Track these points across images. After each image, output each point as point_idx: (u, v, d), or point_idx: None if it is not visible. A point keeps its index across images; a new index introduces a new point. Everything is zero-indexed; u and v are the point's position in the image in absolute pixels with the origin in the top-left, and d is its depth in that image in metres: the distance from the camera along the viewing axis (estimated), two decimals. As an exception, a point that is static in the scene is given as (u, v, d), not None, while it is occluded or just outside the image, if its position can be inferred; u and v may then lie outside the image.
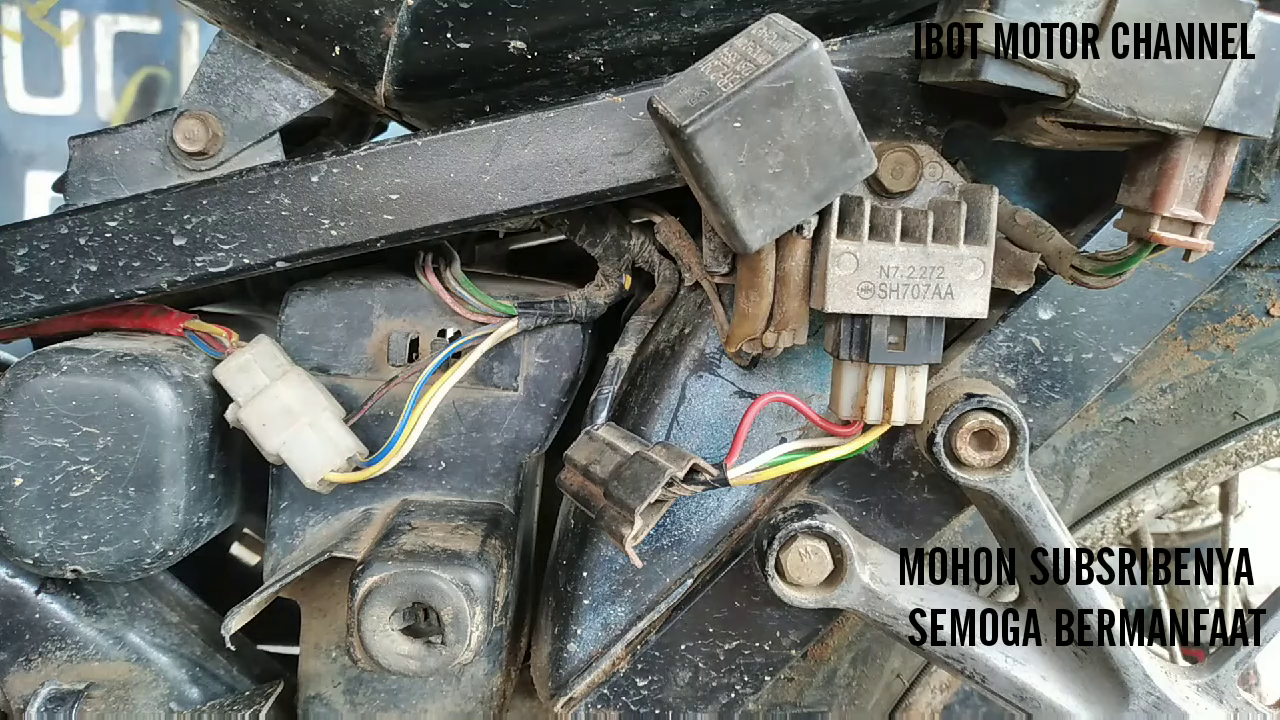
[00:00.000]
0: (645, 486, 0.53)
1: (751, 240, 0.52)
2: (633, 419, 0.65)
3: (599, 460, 0.58)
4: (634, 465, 0.55)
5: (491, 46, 0.59)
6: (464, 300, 0.65)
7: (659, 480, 0.53)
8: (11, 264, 0.61)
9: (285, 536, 0.69)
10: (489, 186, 0.60)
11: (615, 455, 0.58)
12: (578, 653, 0.67)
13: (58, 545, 0.62)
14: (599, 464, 0.58)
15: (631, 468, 0.55)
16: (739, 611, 0.66)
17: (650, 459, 0.55)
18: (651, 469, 0.54)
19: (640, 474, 0.54)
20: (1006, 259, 0.60)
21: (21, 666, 0.67)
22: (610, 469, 0.57)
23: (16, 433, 0.61)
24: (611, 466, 0.57)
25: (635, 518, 0.53)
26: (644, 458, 0.55)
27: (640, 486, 0.53)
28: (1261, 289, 0.68)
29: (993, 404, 0.58)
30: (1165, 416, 0.70)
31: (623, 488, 0.54)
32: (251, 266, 0.61)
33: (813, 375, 0.65)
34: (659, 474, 0.53)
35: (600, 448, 0.59)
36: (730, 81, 0.50)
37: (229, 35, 0.64)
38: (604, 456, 0.58)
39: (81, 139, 0.65)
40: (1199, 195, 0.53)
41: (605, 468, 0.57)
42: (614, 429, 0.62)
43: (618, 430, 0.62)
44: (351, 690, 0.71)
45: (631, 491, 0.53)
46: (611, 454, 0.58)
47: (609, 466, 0.57)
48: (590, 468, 0.58)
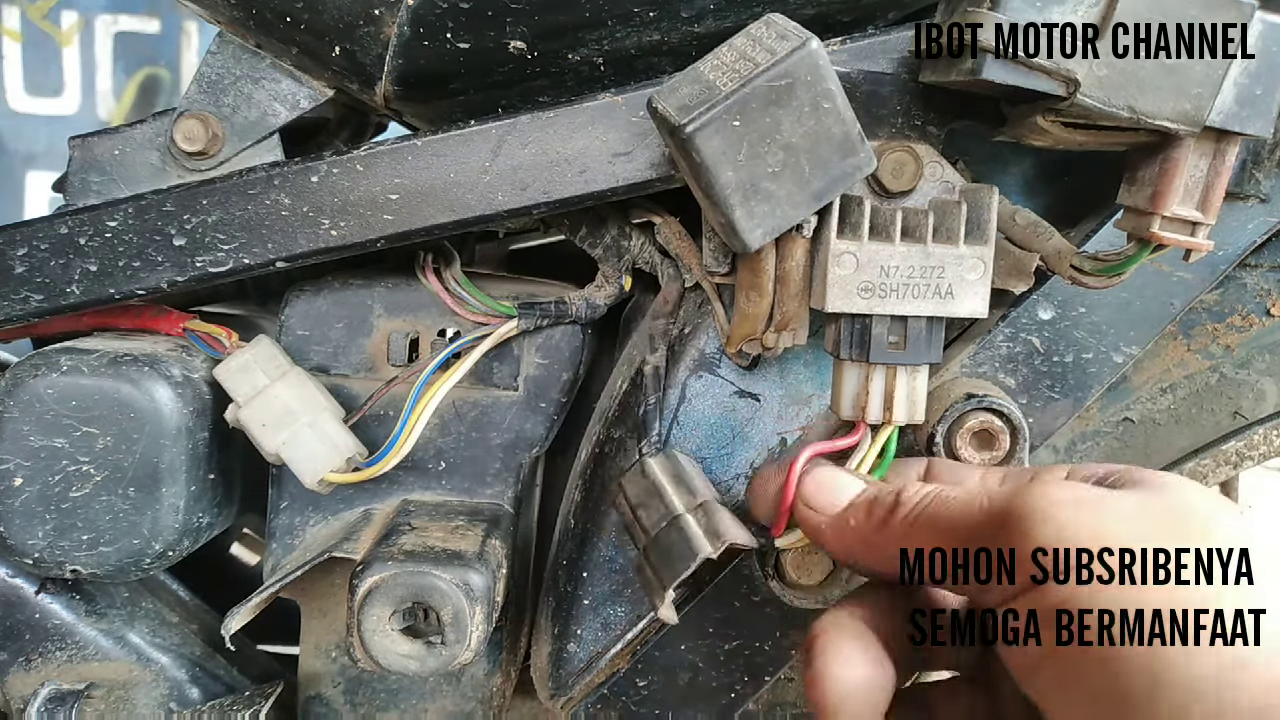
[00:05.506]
0: (678, 564, 0.54)
1: (751, 240, 0.52)
2: (633, 419, 0.65)
3: (646, 505, 0.59)
4: (671, 534, 0.56)
5: (491, 46, 0.59)
6: (464, 300, 0.65)
7: (690, 563, 0.54)
8: (11, 264, 0.61)
9: (285, 536, 0.69)
10: (489, 186, 0.60)
11: (660, 505, 0.58)
12: (578, 653, 0.67)
13: (58, 545, 0.62)
14: (645, 509, 0.59)
15: (669, 537, 0.56)
16: (739, 611, 0.66)
17: (687, 532, 0.56)
18: (685, 546, 0.55)
19: (674, 547, 0.55)
20: (1006, 259, 0.60)
21: (21, 666, 0.67)
22: (653, 523, 0.58)
23: (16, 433, 0.61)
24: (655, 519, 0.58)
25: (666, 595, 0.55)
26: (681, 527, 0.56)
27: (673, 564, 0.55)
28: (1261, 289, 0.68)
29: (993, 404, 0.58)
30: (1165, 416, 0.70)
31: (658, 557, 0.56)
32: (251, 266, 0.61)
33: (813, 375, 0.65)
34: (691, 556, 0.54)
35: (649, 488, 0.59)
36: (729, 80, 0.50)
37: (229, 35, 0.64)
38: (651, 502, 0.59)
39: (81, 139, 0.64)
40: (1199, 195, 0.52)
41: (650, 517, 0.58)
42: (667, 462, 0.61)
43: (670, 465, 0.61)
44: (351, 690, 0.71)
45: (665, 567, 0.55)
46: (658, 503, 0.58)
47: (653, 518, 0.58)
48: (638, 510, 0.59)
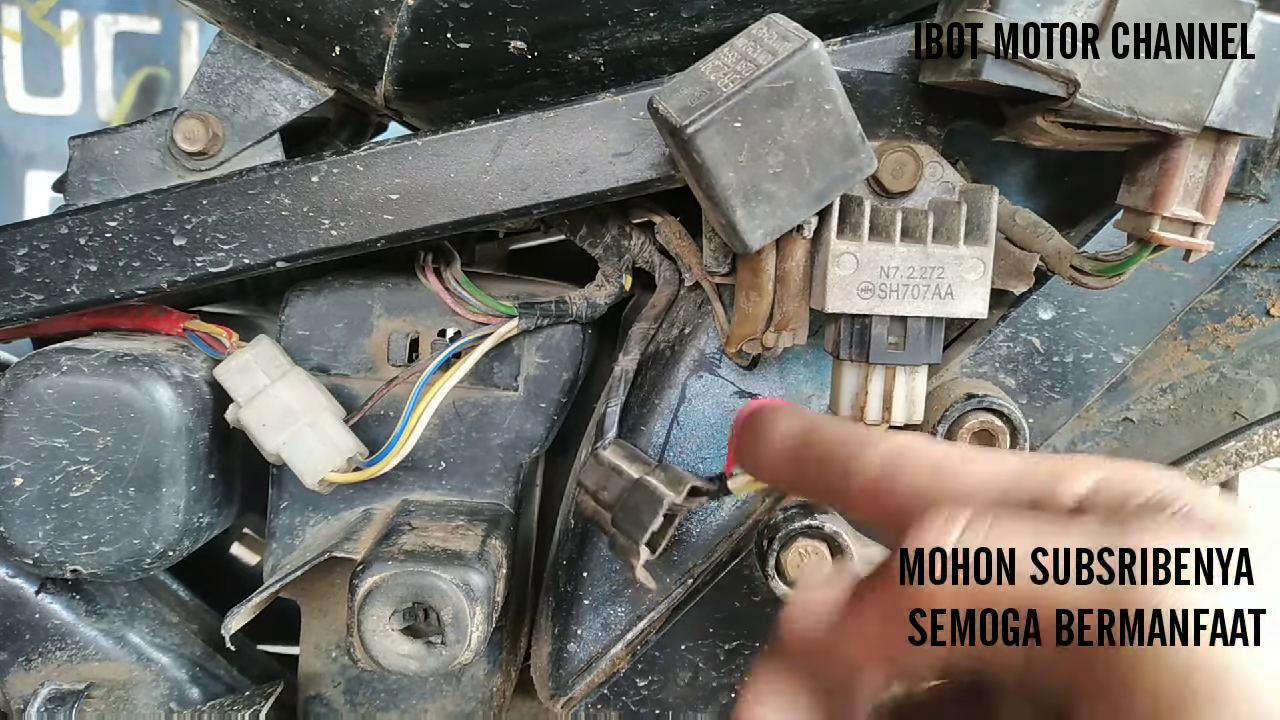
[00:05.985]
0: (646, 517, 0.56)
1: (752, 240, 0.52)
2: (633, 419, 0.65)
3: (606, 486, 0.60)
4: (635, 494, 0.58)
5: (491, 46, 0.59)
6: (464, 300, 0.65)
7: (658, 510, 0.55)
8: (11, 264, 0.61)
9: (285, 536, 0.69)
10: (489, 186, 0.60)
11: (620, 480, 0.59)
12: (578, 653, 0.67)
13: (58, 545, 0.62)
14: (606, 490, 0.60)
15: (634, 497, 0.57)
16: (739, 611, 0.66)
17: (649, 487, 0.57)
18: (650, 498, 0.56)
19: (641, 504, 0.57)
20: (1006, 259, 0.60)
21: (21, 666, 0.67)
22: (616, 496, 0.59)
23: (16, 433, 0.61)
24: (617, 493, 0.59)
25: (640, 548, 0.55)
26: (643, 485, 0.58)
27: (641, 517, 0.56)
28: (1261, 289, 0.68)
29: (993, 404, 0.58)
30: (1165, 416, 0.70)
31: (626, 519, 0.57)
32: (251, 266, 0.61)
33: (813, 375, 0.65)
34: (657, 503, 0.56)
35: (607, 471, 0.61)
36: (730, 81, 0.50)
37: (229, 35, 0.64)
38: (610, 481, 0.60)
39: (81, 139, 0.64)
40: (1199, 195, 0.52)
41: (612, 493, 0.59)
42: (620, 448, 0.63)
43: (624, 450, 0.63)
44: (351, 690, 0.71)
45: (634, 523, 0.56)
46: (617, 479, 0.60)
47: (614, 492, 0.59)
48: (599, 494, 0.60)
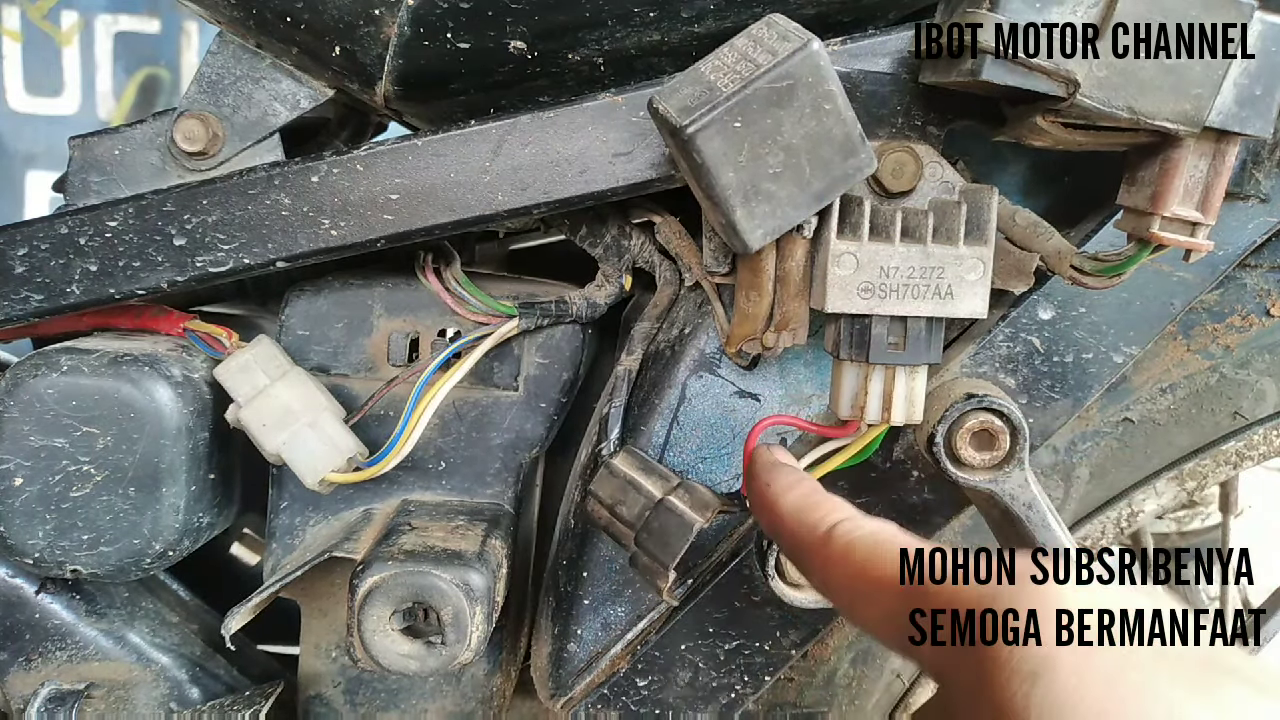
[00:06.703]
0: (676, 542, 0.56)
1: (752, 240, 0.52)
2: (633, 419, 0.65)
3: (623, 500, 0.60)
4: (660, 517, 0.58)
5: (491, 46, 0.59)
6: (464, 300, 0.65)
7: (688, 536, 0.56)
8: (11, 264, 0.61)
9: (285, 536, 0.69)
10: (489, 186, 0.60)
11: (640, 496, 0.59)
12: (578, 653, 0.67)
13: (58, 545, 0.62)
14: (624, 504, 0.60)
15: (659, 519, 0.58)
16: (739, 611, 0.66)
17: (675, 510, 0.58)
18: (679, 523, 0.57)
19: (669, 528, 0.57)
20: (1006, 259, 0.60)
21: (21, 666, 0.67)
22: (637, 513, 0.59)
23: (16, 433, 0.61)
24: (638, 510, 0.59)
25: (669, 573, 0.56)
26: (668, 508, 0.58)
27: (670, 542, 0.57)
28: (1261, 289, 0.68)
29: (993, 404, 0.58)
30: (1165, 416, 0.70)
31: (653, 541, 0.57)
32: (251, 266, 0.61)
33: (813, 375, 0.65)
34: (687, 529, 0.56)
35: (623, 485, 0.60)
36: (730, 81, 0.50)
37: (229, 35, 0.64)
38: (628, 496, 0.60)
39: (81, 139, 0.64)
40: (1199, 195, 0.52)
41: (631, 509, 0.59)
42: (631, 457, 0.63)
43: (635, 459, 0.62)
44: (351, 690, 0.71)
45: (662, 547, 0.57)
46: (635, 494, 0.60)
47: (635, 509, 0.59)
48: (616, 508, 0.60)
